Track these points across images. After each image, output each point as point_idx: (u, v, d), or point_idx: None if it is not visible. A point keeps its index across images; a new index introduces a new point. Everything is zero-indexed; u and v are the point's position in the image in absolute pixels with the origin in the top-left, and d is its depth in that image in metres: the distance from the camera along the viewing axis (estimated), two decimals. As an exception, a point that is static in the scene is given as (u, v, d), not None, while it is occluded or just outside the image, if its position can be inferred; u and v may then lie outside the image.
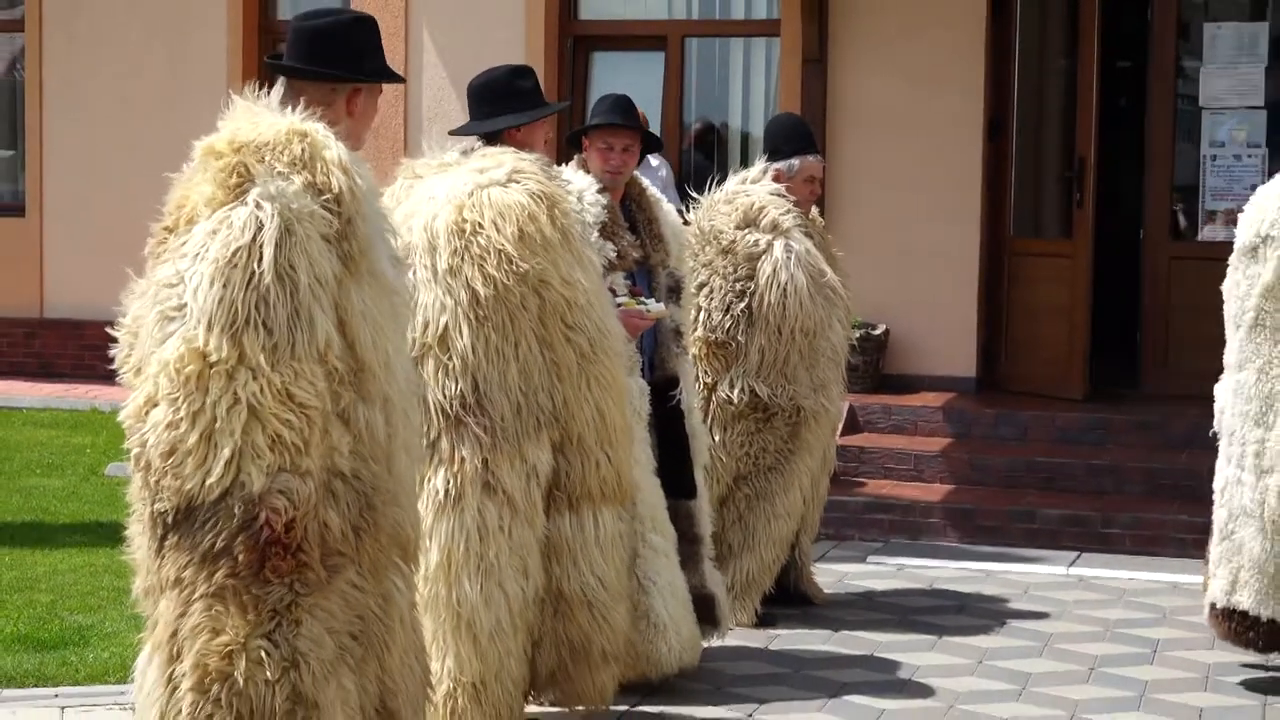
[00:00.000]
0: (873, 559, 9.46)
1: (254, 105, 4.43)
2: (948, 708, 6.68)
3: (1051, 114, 12.30)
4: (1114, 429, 10.98)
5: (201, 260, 4.09)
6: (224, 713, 4.04)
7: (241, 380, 4.04)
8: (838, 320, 7.98)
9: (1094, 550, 9.66)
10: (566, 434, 5.67)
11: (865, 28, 12.11)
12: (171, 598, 4.09)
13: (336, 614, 4.17)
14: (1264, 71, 11.88)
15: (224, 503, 4.04)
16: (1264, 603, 6.75)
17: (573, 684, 5.81)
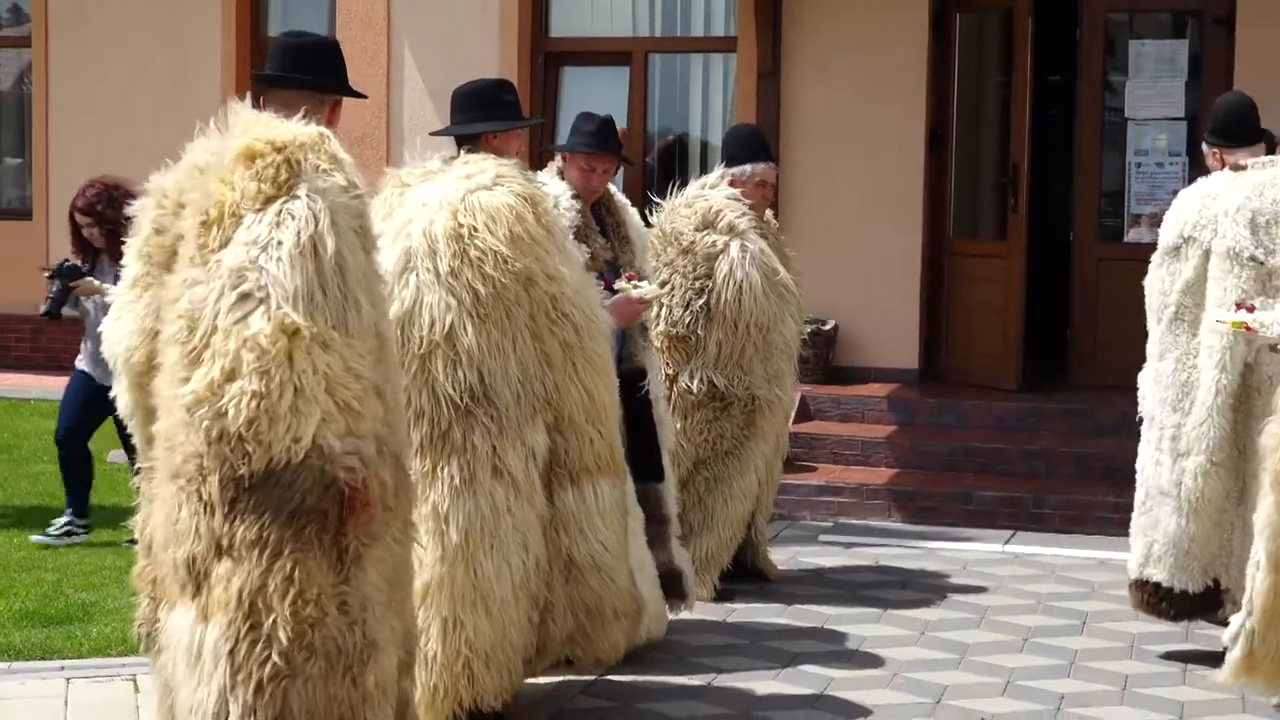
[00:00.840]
0: (823, 538, 9.47)
1: (259, 114, 4.52)
2: (892, 675, 6.69)
3: (988, 124, 12.32)
4: (1045, 417, 11.01)
5: (275, 248, 4.19)
6: (316, 658, 4.15)
7: (318, 353, 4.16)
8: (790, 316, 8.00)
9: (1027, 529, 9.69)
10: (560, 415, 5.70)
11: (816, 45, 12.13)
12: (247, 557, 4.14)
13: (386, 562, 4.34)
14: (1184, 85, 11.93)
15: (306, 464, 4.14)
16: (1176, 575, 6.77)
17: (591, 643, 5.84)
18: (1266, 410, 6.59)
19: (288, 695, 4.12)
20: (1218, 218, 6.69)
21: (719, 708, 6.24)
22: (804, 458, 10.55)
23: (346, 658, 4.19)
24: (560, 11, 13.01)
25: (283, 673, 4.12)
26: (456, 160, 5.94)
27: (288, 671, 4.13)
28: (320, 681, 4.16)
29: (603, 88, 12.54)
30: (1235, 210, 6.64)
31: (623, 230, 6.97)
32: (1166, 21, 12.40)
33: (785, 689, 6.50)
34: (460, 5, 12.72)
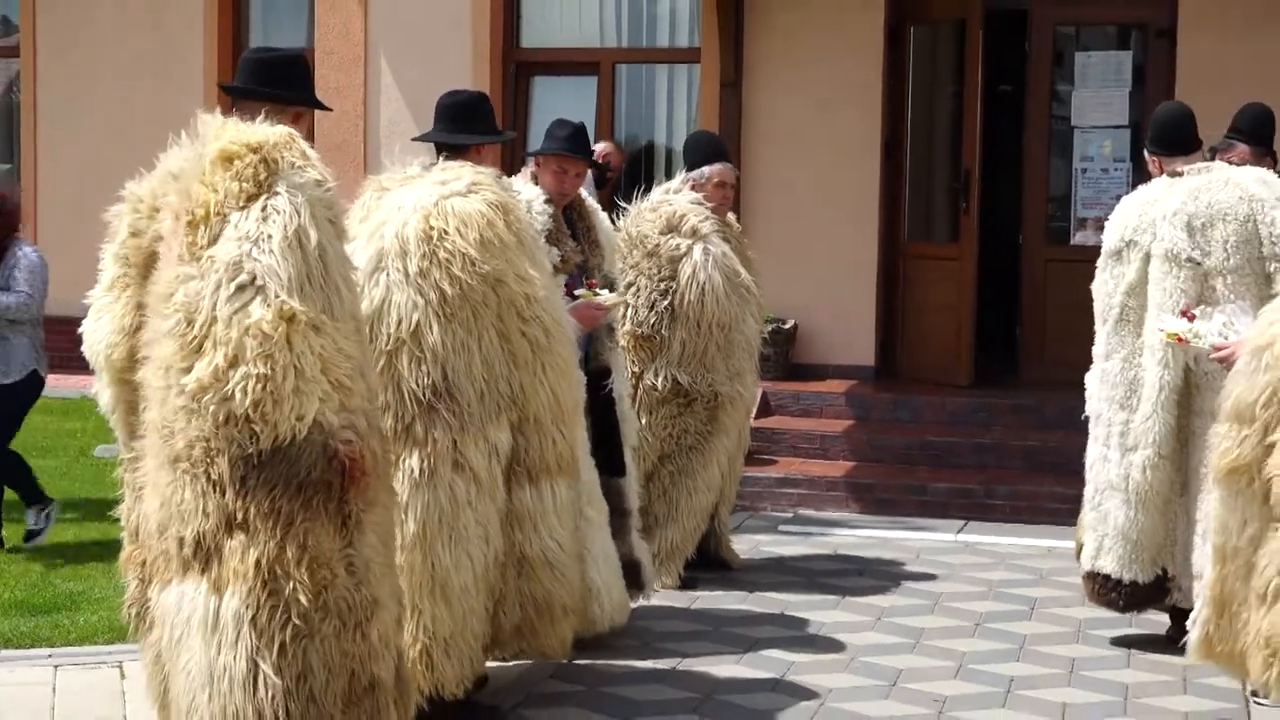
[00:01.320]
0: (783, 528, 9.48)
1: (226, 120, 4.62)
2: (850, 659, 6.70)
3: (941, 132, 12.35)
4: (996, 412, 11.04)
5: (265, 240, 4.32)
6: (330, 617, 4.32)
7: (313, 337, 4.31)
8: (751, 315, 8.01)
9: (978, 519, 9.71)
10: (524, 415, 5.69)
11: (776, 55, 12.14)
12: (262, 529, 4.27)
13: (381, 524, 4.50)
14: (1128, 95, 11.97)
15: (309, 439, 4.28)
16: (1126, 567, 6.79)
17: (538, 637, 5.82)
18: (1207, 406, 6.61)
19: (308, 653, 4.30)
20: (1156, 222, 6.71)
21: (683, 691, 6.24)
22: (765, 451, 10.55)
23: (355, 614, 4.36)
24: (530, 23, 13.00)
25: (302, 633, 4.29)
26: (435, 167, 5.94)
27: (306, 631, 4.29)
28: (334, 639, 4.33)
29: (571, 97, 12.53)
30: (1172, 214, 6.66)
31: (593, 234, 6.97)
32: (1111, 34, 12.45)
33: (747, 673, 6.51)
34: (435, 18, 12.69)
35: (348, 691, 4.34)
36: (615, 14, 12.86)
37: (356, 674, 4.35)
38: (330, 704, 4.30)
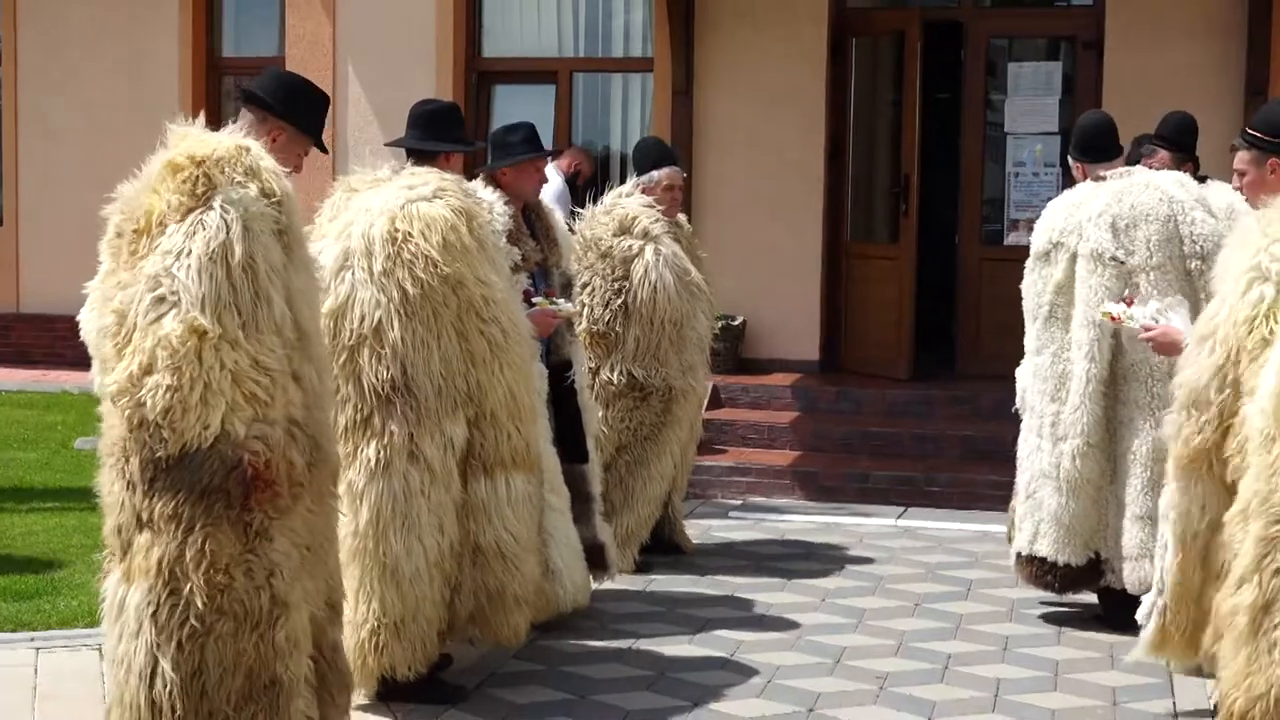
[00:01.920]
0: (733, 514, 9.49)
1: (191, 129, 4.61)
2: (796, 639, 6.72)
3: (881, 138, 12.39)
4: (934, 403, 11.08)
5: (186, 256, 4.30)
6: (225, 618, 4.30)
7: (225, 351, 4.27)
8: (701, 312, 8.01)
9: (918, 505, 9.75)
10: (481, 411, 5.68)
11: (725, 64, 12.15)
12: (165, 530, 4.28)
13: (299, 531, 4.44)
14: (1058, 103, 12.03)
15: (215, 448, 4.26)
16: (1060, 550, 6.82)
17: (490, 625, 5.80)
18: (1132, 395, 6.66)
19: (204, 651, 4.30)
20: (1082, 224, 6.75)
21: (638, 669, 6.24)
22: (715, 441, 10.56)
23: (253, 617, 4.33)
24: (492, 34, 12.97)
25: (198, 632, 4.29)
26: (404, 171, 5.92)
27: (202, 631, 4.29)
28: (230, 639, 4.31)
29: (531, 104, 12.51)
30: (1097, 215, 6.70)
31: (551, 233, 6.95)
32: (1042, 45, 12.51)
33: (698, 651, 6.51)
34: (400, 28, 12.65)
35: (244, 689, 4.33)
36: (572, 25, 12.85)
37: (254, 672, 4.33)
38: (223, 700, 4.31)
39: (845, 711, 5.75)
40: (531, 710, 5.73)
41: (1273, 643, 4.32)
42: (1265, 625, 4.35)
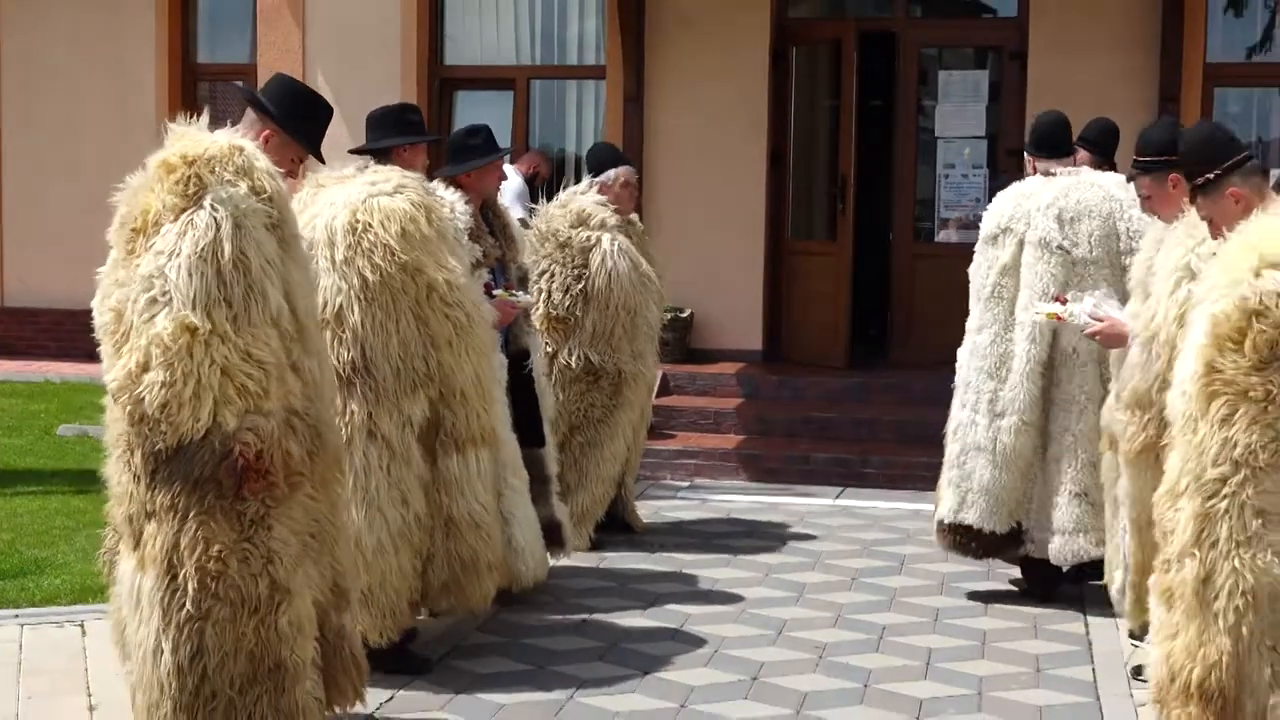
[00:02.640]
0: (682, 495, 9.50)
1: (189, 129, 4.54)
2: (741, 611, 6.73)
3: (820, 142, 12.41)
4: (869, 390, 11.12)
5: (177, 256, 4.23)
6: (221, 603, 4.25)
7: (215, 346, 4.21)
8: (652, 303, 8.03)
9: (854, 486, 9.77)
10: (449, 391, 5.66)
11: (674, 73, 12.15)
12: (166, 520, 4.24)
13: (299, 519, 4.37)
14: (985, 109, 12.09)
15: (207, 440, 4.20)
16: (987, 519, 6.86)
17: (463, 591, 5.78)
18: (1069, 377, 6.72)
19: (202, 635, 4.25)
20: (1031, 213, 6.82)
21: (593, 641, 6.25)
22: (665, 426, 10.57)
23: (251, 603, 4.26)
24: (453, 43, 12.93)
25: (194, 616, 4.24)
26: (368, 169, 5.91)
27: (198, 615, 4.24)
28: (229, 624, 4.25)
29: (490, 109, 12.46)
30: (1046, 206, 6.78)
31: (508, 230, 6.95)
32: (970, 55, 12.57)
33: (649, 624, 6.52)
34: (366, 37, 12.59)
35: (248, 672, 4.27)
36: (529, 34, 12.83)
37: (256, 656, 4.27)
38: (225, 683, 4.25)
39: (787, 679, 5.76)
40: (493, 680, 5.73)
41: (1216, 613, 4.33)
42: (1208, 597, 4.35)
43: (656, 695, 5.56)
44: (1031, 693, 5.66)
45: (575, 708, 5.43)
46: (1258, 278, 4.34)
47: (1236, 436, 4.32)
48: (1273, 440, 4.30)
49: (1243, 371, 4.31)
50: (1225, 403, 4.35)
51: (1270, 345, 4.29)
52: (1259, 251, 4.39)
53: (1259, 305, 4.30)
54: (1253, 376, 4.30)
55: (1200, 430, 4.38)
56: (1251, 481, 4.30)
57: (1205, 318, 4.44)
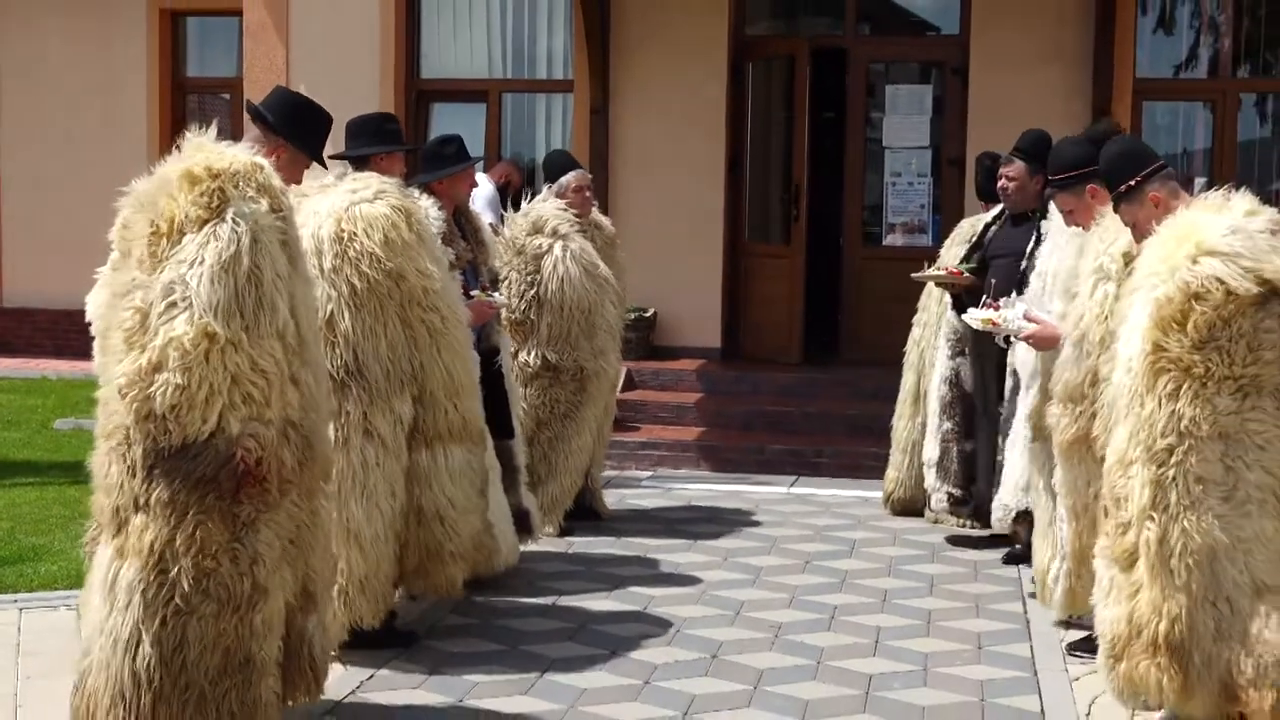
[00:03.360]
0: (646, 484, 9.50)
1: (205, 140, 4.49)
2: (702, 593, 6.73)
3: (775, 151, 12.42)
4: (821, 385, 11.14)
5: (199, 265, 4.20)
6: (209, 600, 4.20)
7: (229, 354, 4.18)
8: (609, 302, 7.98)
9: (807, 475, 9.79)
10: (423, 390, 5.66)
11: (637, 85, 12.14)
12: (160, 515, 4.18)
13: (283, 524, 4.32)
14: (929, 121, 12.13)
15: (210, 443, 4.16)
16: None
17: (430, 577, 5.79)
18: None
19: (186, 629, 4.19)
20: None
21: (562, 622, 6.24)
22: (630, 419, 10.57)
23: (235, 600, 4.23)
24: (429, 57, 12.89)
25: (182, 611, 4.19)
26: (347, 176, 5.88)
27: (186, 610, 4.19)
28: (212, 619, 4.21)
29: (463, 120, 12.44)
30: None
31: (479, 234, 6.94)
32: (915, 70, 12.60)
33: (615, 606, 6.51)
34: (346, 52, 12.53)
35: (221, 665, 4.23)
36: (501, 49, 12.79)
37: (231, 651, 4.23)
38: (200, 675, 4.20)
39: (745, 657, 5.77)
40: (467, 659, 5.71)
41: (1173, 570, 4.46)
42: (1165, 555, 4.48)
43: (622, 673, 5.56)
44: (974, 668, 5.69)
45: (545, 685, 5.42)
46: (1196, 264, 4.50)
47: (1182, 409, 4.47)
48: (1212, 413, 4.47)
49: (1185, 350, 4.47)
50: (1171, 379, 4.50)
51: (1209, 325, 4.45)
52: (1195, 240, 4.55)
53: (1200, 289, 4.47)
54: (1194, 354, 4.46)
55: (1148, 404, 4.51)
56: (1194, 451, 4.46)
57: (1148, 302, 4.56)
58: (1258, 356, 4.44)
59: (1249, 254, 4.47)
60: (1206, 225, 4.58)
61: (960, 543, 7.72)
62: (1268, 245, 4.53)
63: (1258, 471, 4.45)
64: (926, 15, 12.48)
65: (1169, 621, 4.46)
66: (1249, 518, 4.44)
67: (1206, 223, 4.59)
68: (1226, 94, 11.60)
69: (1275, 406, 4.47)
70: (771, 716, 5.10)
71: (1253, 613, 4.42)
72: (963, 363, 7.63)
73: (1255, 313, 4.44)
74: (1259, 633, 4.40)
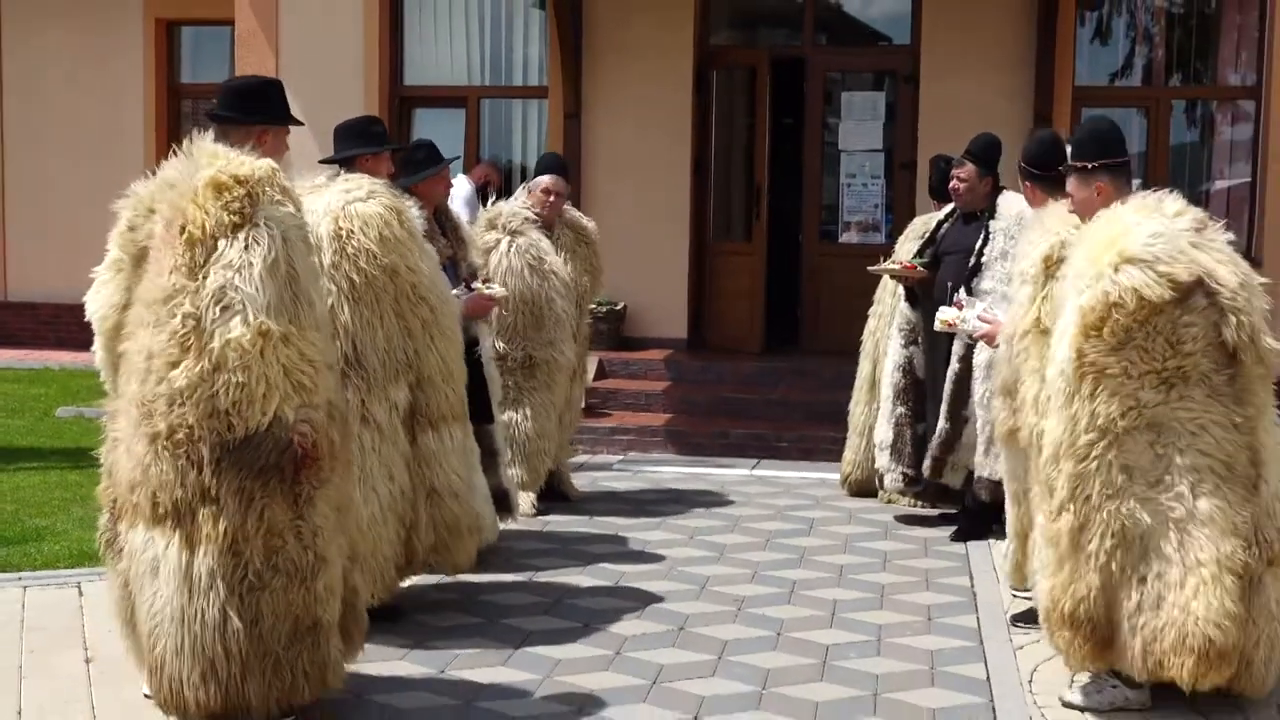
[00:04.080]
0: (617, 467, 9.49)
1: (217, 146, 4.49)
2: (669, 569, 6.74)
3: (737, 155, 12.43)
4: (781, 374, 11.16)
5: (247, 269, 4.25)
6: (279, 575, 4.29)
7: (281, 348, 4.25)
8: (556, 295, 7.85)
9: (769, 458, 9.81)
10: (421, 376, 5.65)
11: (608, 93, 12.13)
12: (229, 504, 4.24)
13: (333, 496, 4.41)
14: (882, 126, 12.15)
15: (270, 432, 4.24)
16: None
17: (450, 554, 5.78)
18: None
19: (260, 604, 4.28)
20: None
21: (538, 597, 6.23)
22: (601, 406, 10.56)
23: (301, 572, 4.31)
24: (411, 65, 12.83)
25: (256, 587, 4.27)
26: (339, 178, 5.85)
27: (260, 586, 4.28)
28: (282, 592, 4.29)
29: (444, 125, 12.40)
30: None
31: (458, 232, 6.91)
32: (869, 78, 12.61)
33: (588, 582, 6.51)
34: (333, 59, 12.47)
35: (292, 632, 4.32)
36: (479, 57, 12.75)
37: (300, 618, 4.32)
38: (275, 642, 4.29)
39: (710, 629, 5.78)
40: (449, 632, 5.70)
41: (1088, 555, 4.60)
42: (1081, 542, 4.61)
43: (595, 644, 5.56)
44: (924, 639, 5.71)
45: (522, 656, 5.41)
46: (1117, 272, 4.57)
47: (1099, 408, 4.59)
48: (1130, 409, 4.57)
49: (1102, 354, 4.57)
50: (1091, 380, 4.61)
51: (1126, 330, 4.55)
52: (1118, 249, 4.63)
53: (1117, 298, 4.56)
54: (1111, 356, 4.57)
55: (1074, 404, 4.64)
56: (1115, 445, 4.57)
57: (1074, 309, 4.63)
58: (1178, 350, 4.53)
59: (1166, 258, 4.56)
60: (1132, 230, 4.64)
61: (911, 521, 7.75)
62: (1189, 244, 4.60)
63: (1192, 455, 4.52)
64: (880, 26, 12.49)
65: (1074, 601, 4.61)
66: (1181, 499, 4.52)
67: (1133, 227, 4.65)
68: (1159, 101, 11.67)
69: (1204, 394, 4.54)
70: (734, 685, 5.11)
71: (1180, 584, 4.50)
72: (915, 351, 7.65)
73: (1174, 310, 4.54)
74: (1186, 604, 4.47)
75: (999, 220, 7.26)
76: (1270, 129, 11.17)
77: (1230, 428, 4.54)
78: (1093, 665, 4.72)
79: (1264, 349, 4.58)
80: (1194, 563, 4.49)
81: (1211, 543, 4.49)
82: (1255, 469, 4.57)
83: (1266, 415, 4.62)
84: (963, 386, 7.22)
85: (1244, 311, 4.54)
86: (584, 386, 8.72)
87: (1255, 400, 4.58)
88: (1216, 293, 4.55)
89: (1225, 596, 4.46)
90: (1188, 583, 4.49)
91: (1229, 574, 4.48)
